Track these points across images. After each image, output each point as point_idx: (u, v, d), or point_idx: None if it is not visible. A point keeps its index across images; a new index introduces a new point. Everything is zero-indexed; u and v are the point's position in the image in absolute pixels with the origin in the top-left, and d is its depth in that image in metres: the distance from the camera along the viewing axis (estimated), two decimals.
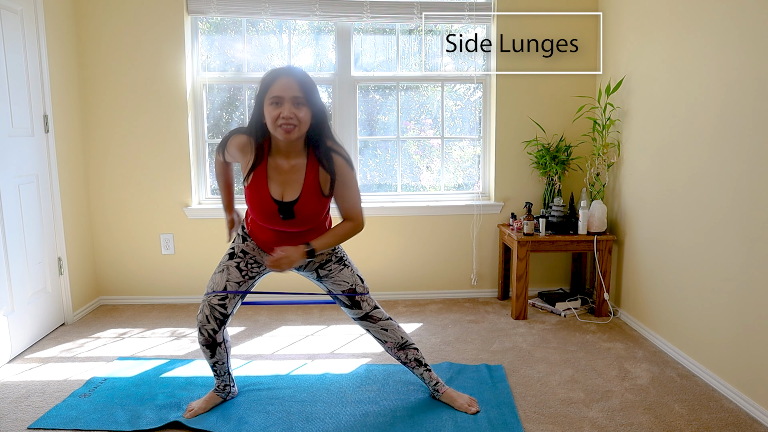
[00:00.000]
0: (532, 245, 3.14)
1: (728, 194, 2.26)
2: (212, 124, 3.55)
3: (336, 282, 2.08)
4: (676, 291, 2.64)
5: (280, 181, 1.89)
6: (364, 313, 2.10)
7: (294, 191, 1.88)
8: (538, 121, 3.49)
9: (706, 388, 2.35)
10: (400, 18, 3.37)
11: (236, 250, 2.06)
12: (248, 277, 2.05)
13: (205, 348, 2.05)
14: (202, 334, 2.03)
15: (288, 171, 1.89)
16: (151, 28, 3.30)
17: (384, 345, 2.16)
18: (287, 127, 1.77)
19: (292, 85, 1.76)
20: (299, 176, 1.88)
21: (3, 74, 2.63)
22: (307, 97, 1.78)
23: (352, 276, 2.09)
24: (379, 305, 2.12)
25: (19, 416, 2.13)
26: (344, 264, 2.09)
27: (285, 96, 1.76)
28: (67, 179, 3.18)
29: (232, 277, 2.02)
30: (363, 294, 2.09)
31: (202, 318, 2.01)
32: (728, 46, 2.26)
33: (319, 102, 1.83)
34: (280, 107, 1.77)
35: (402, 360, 2.18)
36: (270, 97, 1.77)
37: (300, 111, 1.78)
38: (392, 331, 2.13)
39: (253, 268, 2.06)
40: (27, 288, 2.82)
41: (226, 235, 3.43)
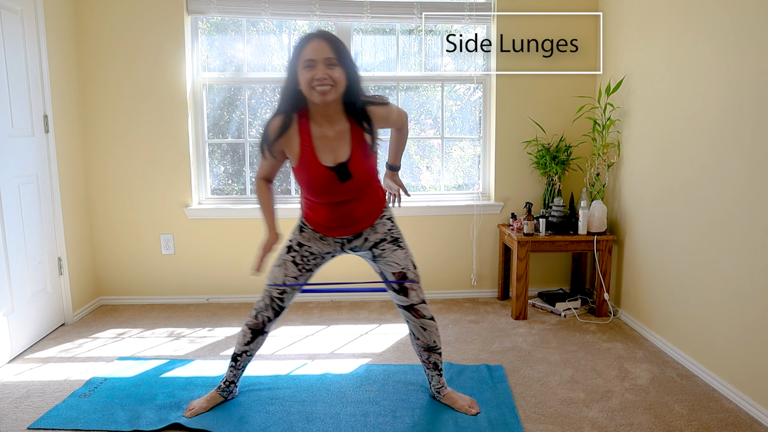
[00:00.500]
0: (532, 245, 3.14)
1: (728, 194, 2.26)
2: (212, 124, 3.55)
3: (388, 262, 2.06)
4: (676, 291, 2.64)
5: (329, 149, 1.89)
6: (410, 303, 2.06)
7: (344, 153, 1.89)
8: (538, 121, 3.49)
9: (706, 388, 2.35)
10: (400, 18, 3.37)
11: (293, 243, 2.07)
12: (305, 270, 2.07)
13: (249, 332, 2.09)
14: (256, 318, 2.07)
15: (334, 138, 1.89)
16: (151, 28, 3.30)
17: (415, 341, 2.15)
18: (322, 89, 1.77)
19: (323, 47, 1.77)
20: (346, 139, 1.90)
21: (3, 74, 2.63)
22: (339, 58, 1.79)
23: (405, 259, 2.07)
24: (426, 301, 2.10)
25: (19, 416, 2.13)
26: (399, 245, 2.08)
27: (317, 58, 1.76)
28: (67, 179, 3.18)
29: (290, 272, 2.05)
30: (413, 282, 2.06)
31: (262, 305, 2.06)
32: (728, 46, 2.26)
33: (352, 63, 1.84)
34: (313, 69, 1.77)
35: (423, 359, 2.17)
36: (303, 61, 1.78)
37: (334, 72, 1.78)
38: (429, 333, 2.11)
39: (309, 260, 2.07)
40: (27, 288, 2.82)
41: (231, 227, 3.44)
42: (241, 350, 2.13)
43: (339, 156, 1.89)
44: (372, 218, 2.05)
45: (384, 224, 2.09)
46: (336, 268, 3.53)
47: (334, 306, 3.47)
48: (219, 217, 3.47)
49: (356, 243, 2.08)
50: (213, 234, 3.50)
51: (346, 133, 1.90)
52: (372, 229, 2.06)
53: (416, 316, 2.08)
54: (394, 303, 2.12)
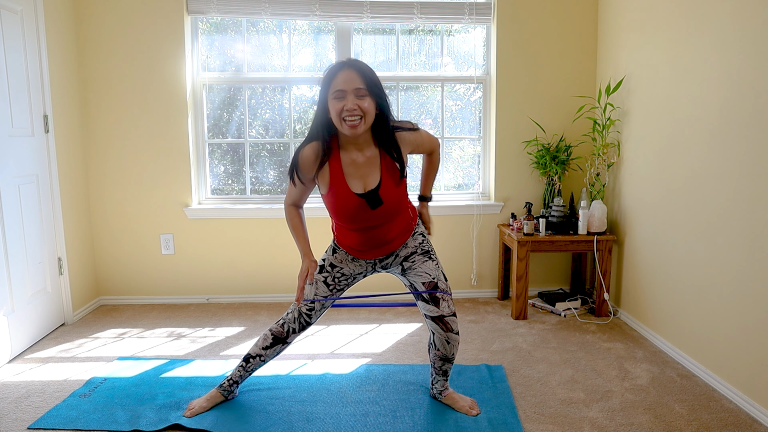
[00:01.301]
0: (532, 245, 3.14)
1: (728, 194, 2.26)
2: (212, 124, 3.55)
3: (418, 273, 2.05)
4: (676, 291, 2.64)
5: (359, 176, 1.90)
6: (440, 314, 2.02)
7: (374, 180, 1.90)
8: (538, 121, 3.49)
9: (706, 388, 2.35)
10: (400, 18, 3.37)
11: (325, 264, 2.08)
12: (336, 290, 2.09)
13: (271, 337, 2.10)
14: (282, 327, 2.09)
15: (364, 165, 1.90)
16: (151, 28, 3.31)
17: (434, 350, 2.12)
18: (352, 121, 1.78)
19: (353, 77, 1.78)
20: (376, 165, 1.90)
21: (3, 74, 2.63)
22: (369, 88, 1.80)
23: (436, 270, 2.06)
24: (456, 314, 2.09)
25: (19, 416, 2.13)
26: (429, 257, 2.08)
27: (347, 89, 1.77)
28: (67, 179, 3.18)
29: (320, 292, 2.07)
30: (445, 292, 2.04)
31: (290, 317, 2.08)
32: (728, 46, 2.26)
33: (382, 92, 1.85)
34: (343, 100, 1.78)
35: (435, 366, 2.16)
36: (333, 92, 1.79)
37: (363, 102, 1.79)
38: (452, 346, 2.08)
39: (341, 281, 2.08)
40: (27, 288, 2.82)
41: (232, 226, 3.45)
42: (257, 353, 2.12)
43: (369, 183, 1.90)
44: (404, 237, 2.05)
45: (415, 239, 2.09)
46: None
47: (334, 307, 3.46)
48: (219, 217, 3.47)
49: (388, 261, 2.09)
50: (213, 234, 3.50)
51: (376, 160, 1.91)
52: (403, 245, 2.07)
53: (444, 329, 2.04)
54: (423, 314, 2.08)
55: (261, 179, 3.61)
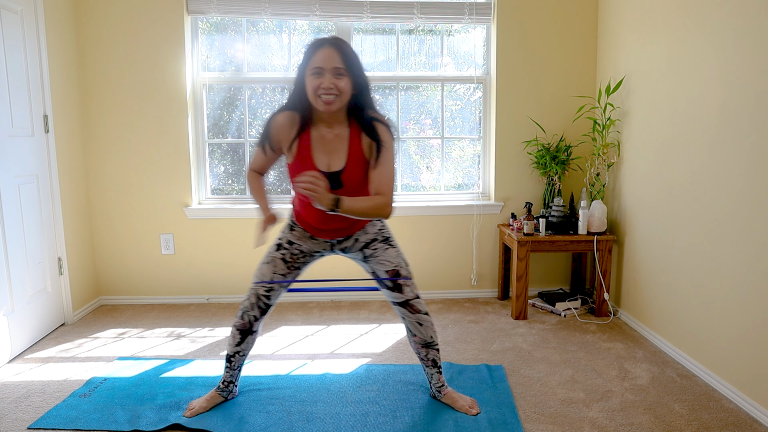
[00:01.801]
0: (532, 245, 3.14)
1: (728, 194, 2.26)
2: (212, 124, 3.55)
3: (380, 261, 2.07)
4: (676, 291, 2.64)
5: (325, 152, 1.89)
6: (404, 299, 2.07)
7: (340, 160, 1.89)
8: (538, 121, 3.49)
9: (706, 388, 2.35)
10: (400, 18, 3.37)
11: (283, 241, 2.08)
12: (293, 268, 2.07)
13: (238, 333, 2.09)
14: (242, 318, 2.07)
15: (332, 140, 1.89)
16: (151, 28, 3.30)
17: (412, 338, 2.15)
18: (327, 98, 1.78)
19: (333, 55, 1.78)
20: (343, 144, 1.89)
21: (3, 74, 2.63)
22: (348, 68, 1.79)
23: (398, 257, 2.08)
24: (420, 296, 2.10)
25: (19, 416, 2.13)
26: (390, 244, 2.09)
27: (326, 66, 1.77)
28: (67, 179, 3.18)
29: (278, 269, 2.05)
30: (407, 279, 2.07)
31: (247, 304, 2.06)
32: (728, 46, 2.26)
33: (361, 72, 1.84)
34: (320, 77, 1.78)
35: (421, 357, 2.18)
36: (311, 68, 1.79)
37: (340, 81, 1.79)
38: (426, 327, 2.12)
39: (299, 258, 2.07)
40: (27, 288, 2.82)
41: (232, 226, 3.44)
42: (233, 351, 2.13)
43: (334, 161, 1.90)
44: (363, 223, 2.05)
45: (374, 224, 2.09)
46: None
47: (334, 306, 3.47)
48: (219, 217, 3.48)
49: (347, 244, 2.08)
50: (213, 234, 3.50)
51: (345, 140, 1.90)
52: (362, 230, 2.07)
53: (412, 311, 2.09)
54: (389, 301, 2.12)
55: None
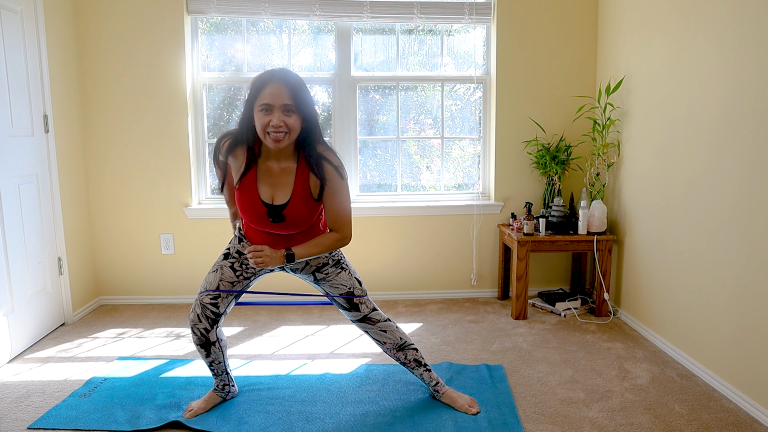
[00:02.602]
0: (532, 245, 3.14)
1: (728, 194, 2.26)
2: (212, 124, 3.55)
3: (333, 285, 2.07)
4: (676, 291, 2.64)
5: (270, 184, 1.89)
6: (362, 315, 2.09)
7: (284, 194, 1.88)
8: (538, 121, 3.49)
9: (706, 388, 2.35)
10: (400, 18, 3.37)
11: (231, 251, 2.06)
12: (243, 277, 2.05)
13: (200, 348, 2.05)
14: (194, 333, 2.03)
15: (278, 174, 1.88)
16: (151, 28, 3.31)
17: (383, 346, 2.16)
18: (276, 136, 1.77)
19: (281, 92, 1.75)
20: (289, 179, 1.88)
21: (3, 74, 2.63)
22: (296, 104, 1.77)
23: (350, 279, 2.08)
24: (377, 307, 2.12)
25: (19, 416, 2.13)
26: (341, 267, 2.08)
27: (274, 104, 1.75)
28: (67, 179, 3.18)
29: (226, 277, 2.02)
30: (361, 296, 2.08)
31: (193, 317, 2.01)
32: (728, 46, 2.26)
33: (310, 107, 1.82)
34: (269, 115, 1.76)
35: (401, 361, 2.18)
36: (260, 104, 1.76)
37: (290, 118, 1.77)
38: (391, 332, 2.13)
39: (249, 268, 2.05)
40: (27, 288, 2.82)
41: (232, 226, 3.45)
42: (208, 362, 2.11)
43: (278, 195, 1.88)
44: None
45: None
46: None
47: (335, 306, 3.46)
48: (219, 217, 3.47)
49: (297, 266, 2.06)
50: (213, 234, 3.50)
51: (292, 173, 1.89)
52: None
53: (372, 323, 2.10)
54: (349, 320, 2.11)
55: None
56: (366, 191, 3.65)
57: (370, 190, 3.66)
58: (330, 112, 3.54)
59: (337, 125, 3.52)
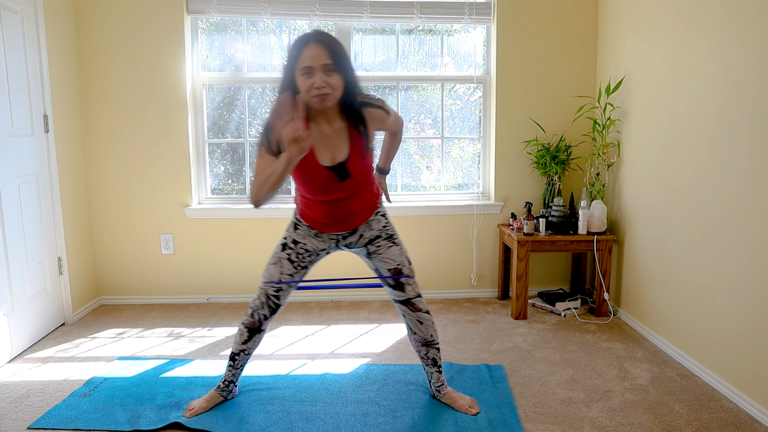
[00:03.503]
0: (532, 245, 3.14)
1: (728, 194, 2.26)
2: (212, 124, 3.55)
3: (383, 259, 2.08)
4: (676, 291, 2.64)
5: (327, 147, 1.90)
6: (406, 297, 2.09)
7: (342, 152, 1.90)
8: (538, 121, 3.49)
9: (706, 388, 2.35)
10: (400, 18, 3.37)
11: (288, 241, 2.09)
12: (300, 267, 2.09)
13: (246, 330, 2.11)
14: (252, 317, 2.10)
15: (331, 135, 1.90)
16: (151, 27, 3.30)
17: (412, 336, 2.16)
18: (321, 95, 1.78)
19: (321, 53, 1.76)
20: (344, 137, 1.91)
21: (3, 74, 2.63)
22: (337, 63, 1.78)
23: (401, 255, 2.09)
24: (422, 295, 2.12)
25: (19, 416, 2.13)
26: (393, 242, 2.10)
27: (315, 65, 1.76)
28: (67, 179, 3.18)
29: (285, 270, 2.07)
30: (408, 277, 2.09)
31: (258, 303, 2.08)
32: (728, 46, 2.26)
33: (349, 65, 1.84)
34: (311, 77, 1.77)
35: (421, 355, 2.19)
36: (300, 68, 1.78)
37: (332, 78, 1.78)
38: (426, 326, 2.13)
39: (305, 257, 2.08)
40: (27, 288, 2.82)
41: (232, 226, 3.44)
42: (239, 349, 2.14)
43: (337, 155, 1.90)
44: (367, 214, 2.06)
45: (378, 221, 2.10)
46: (332, 264, 3.55)
47: (334, 306, 3.47)
48: (219, 216, 3.48)
49: (351, 239, 2.09)
50: (213, 234, 3.50)
51: (344, 132, 1.91)
52: (367, 225, 2.08)
53: (413, 309, 2.11)
54: (391, 299, 2.14)
55: None
56: None
57: None
58: None
59: None
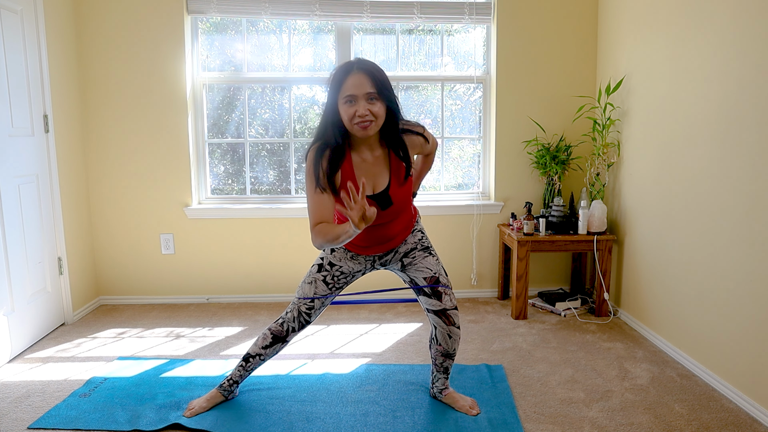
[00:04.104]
0: (532, 245, 3.14)
1: (728, 194, 2.26)
2: (212, 124, 3.55)
3: (419, 269, 2.07)
4: (676, 291, 2.64)
5: (368, 175, 1.90)
6: (442, 307, 2.05)
7: (383, 180, 1.91)
8: (538, 121, 3.49)
9: (706, 388, 2.35)
10: (400, 18, 3.37)
11: (324, 262, 2.09)
12: (335, 288, 2.10)
13: (271, 336, 2.11)
14: (281, 326, 2.10)
15: (373, 163, 1.91)
16: (151, 27, 3.30)
17: (435, 346, 2.13)
18: (364, 124, 1.79)
19: (363, 81, 1.77)
20: (384, 164, 1.91)
21: (3, 74, 2.63)
22: (379, 92, 1.79)
23: (437, 265, 2.08)
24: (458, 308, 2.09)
25: (19, 416, 2.13)
26: (429, 253, 2.10)
27: (358, 94, 1.77)
28: (67, 179, 3.18)
29: (319, 291, 2.08)
30: (446, 287, 2.06)
31: (290, 316, 2.09)
32: (728, 46, 2.26)
33: (391, 93, 1.85)
34: (354, 105, 1.78)
35: (436, 363, 2.17)
36: (344, 96, 1.79)
37: (374, 106, 1.79)
38: (453, 341, 2.10)
39: (339, 279, 2.09)
40: (27, 288, 2.82)
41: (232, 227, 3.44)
42: (257, 352, 2.13)
43: (378, 183, 1.91)
44: (405, 234, 2.06)
45: (414, 235, 2.10)
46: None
47: (334, 307, 3.47)
48: (219, 217, 3.48)
49: (387, 258, 2.10)
50: (213, 234, 3.50)
51: (384, 160, 1.92)
52: (403, 242, 2.08)
53: (447, 322, 2.06)
54: (425, 308, 2.10)
55: (261, 179, 3.61)
56: None
57: None
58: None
59: None
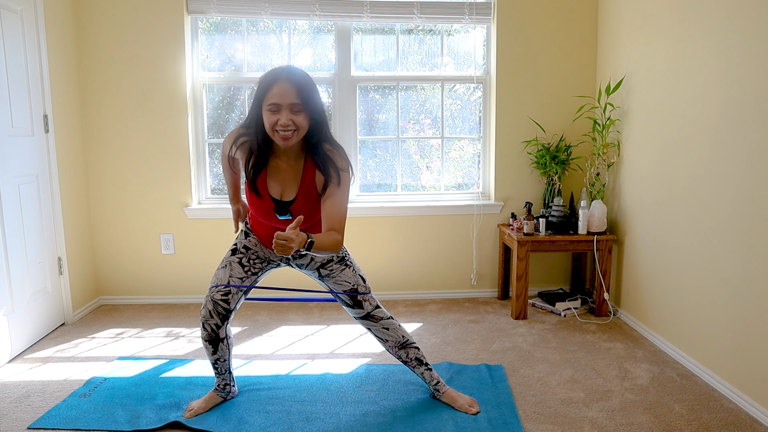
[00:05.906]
0: (532, 245, 3.14)
1: (728, 194, 2.26)
2: (212, 124, 3.55)
3: (337, 282, 2.09)
4: (676, 291, 2.64)
5: (279, 180, 1.91)
6: (365, 312, 2.10)
7: (292, 191, 1.90)
8: (538, 121, 3.49)
9: (706, 388, 2.35)
10: (400, 18, 3.37)
11: (239, 246, 2.09)
12: (251, 272, 2.07)
13: (208, 344, 2.06)
14: (205, 329, 2.04)
15: (286, 171, 1.90)
16: (151, 27, 3.30)
17: (385, 344, 2.17)
18: (285, 134, 1.78)
19: (289, 91, 1.75)
20: (297, 177, 1.90)
21: (3, 74, 2.63)
22: (304, 103, 1.77)
23: (354, 276, 2.09)
24: (380, 305, 2.13)
25: (19, 416, 2.13)
26: (346, 264, 2.10)
27: (282, 103, 1.75)
28: (67, 179, 3.18)
29: (235, 273, 2.04)
30: (364, 294, 2.10)
31: (205, 313, 2.02)
32: (728, 46, 2.26)
33: (318, 105, 1.82)
34: (277, 114, 1.76)
35: (403, 359, 2.19)
36: (267, 104, 1.77)
37: (297, 117, 1.77)
38: (393, 330, 2.14)
39: (256, 263, 2.08)
40: (27, 288, 2.82)
41: (232, 226, 3.46)
42: (213, 360, 2.12)
43: (286, 191, 1.91)
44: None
45: None
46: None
47: (334, 306, 3.47)
48: (219, 216, 3.47)
49: (303, 261, 2.09)
50: (213, 234, 3.50)
51: (299, 171, 1.90)
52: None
53: (375, 320, 2.12)
54: (352, 317, 2.14)
55: None
56: (366, 191, 3.65)
57: (370, 190, 3.66)
58: (330, 112, 3.54)
59: (337, 125, 3.52)
